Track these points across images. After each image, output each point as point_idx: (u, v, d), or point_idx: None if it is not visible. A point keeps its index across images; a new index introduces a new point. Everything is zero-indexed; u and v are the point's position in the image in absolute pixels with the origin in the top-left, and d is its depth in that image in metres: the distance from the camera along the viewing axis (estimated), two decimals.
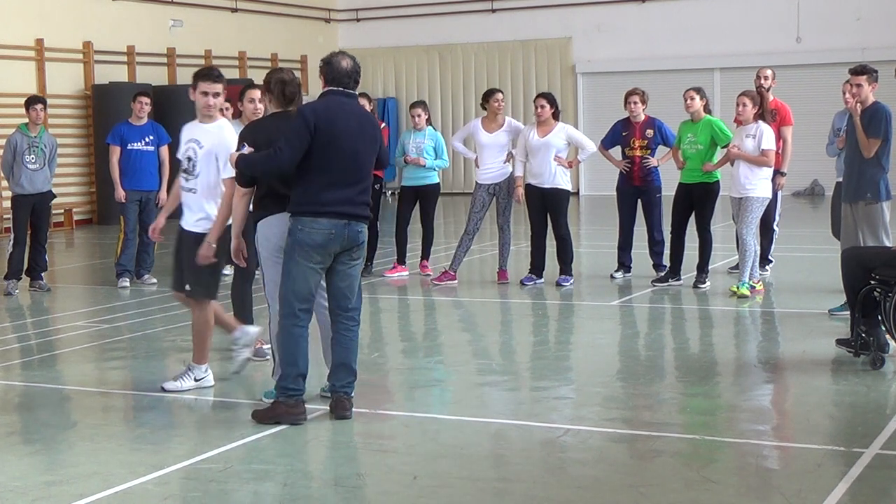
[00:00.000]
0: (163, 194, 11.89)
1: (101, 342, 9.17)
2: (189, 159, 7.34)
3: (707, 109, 11.33)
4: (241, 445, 6.21)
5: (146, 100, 12.28)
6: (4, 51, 18.95)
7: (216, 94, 7.29)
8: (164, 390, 7.36)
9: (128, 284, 12.02)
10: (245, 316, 8.63)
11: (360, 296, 6.77)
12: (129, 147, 12.09)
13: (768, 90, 11.33)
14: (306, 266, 6.52)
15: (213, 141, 7.25)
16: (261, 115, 8.59)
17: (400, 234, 12.60)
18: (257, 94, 8.55)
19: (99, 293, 11.79)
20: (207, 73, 7.37)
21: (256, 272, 9.14)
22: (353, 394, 6.75)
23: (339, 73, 6.62)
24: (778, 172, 11.23)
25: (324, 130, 6.49)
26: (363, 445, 6.33)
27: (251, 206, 6.99)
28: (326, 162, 6.51)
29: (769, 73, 11.72)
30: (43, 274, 12.03)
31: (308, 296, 6.56)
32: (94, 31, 20.57)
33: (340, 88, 6.63)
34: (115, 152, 12.06)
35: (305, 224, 6.50)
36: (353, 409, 6.70)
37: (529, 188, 11.62)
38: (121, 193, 12.00)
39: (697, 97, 11.17)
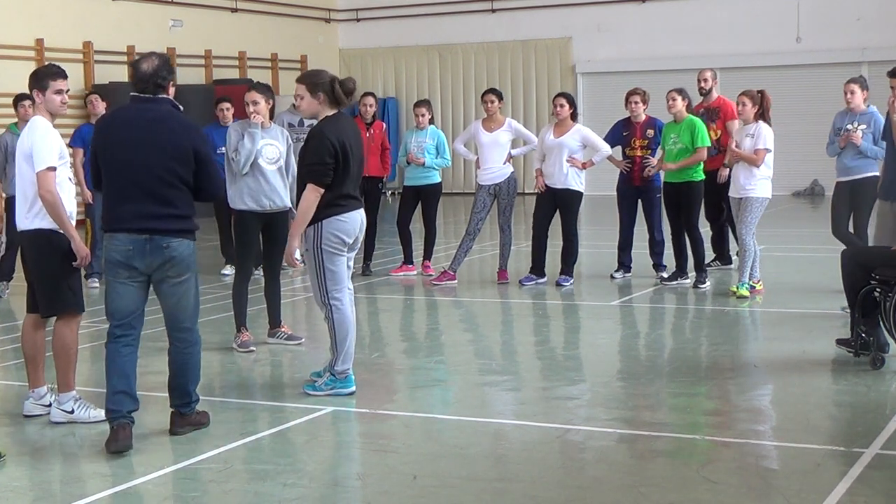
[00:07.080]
0: None
1: (101, 342, 9.13)
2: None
3: (689, 110, 11.40)
4: (241, 445, 6.21)
5: None
6: (4, 51, 18.93)
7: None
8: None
9: (97, 285, 11.89)
10: (273, 316, 9.00)
11: (194, 314, 6.44)
12: None
13: (709, 91, 11.60)
14: (116, 283, 6.27)
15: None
16: (262, 118, 8.71)
17: (403, 233, 12.61)
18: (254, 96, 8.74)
19: (97, 293, 11.75)
20: (61, 71, 7.11)
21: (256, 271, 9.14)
22: (188, 412, 6.44)
23: (139, 76, 6.30)
24: (722, 164, 11.30)
25: (101, 143, 6.31)
26: (363, 445, 6.33)
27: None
28: (110, 175, 6.25)
29: (708, 74, 12.07)
30: None
31: (125, 313, 6.27)
32: (94, 31, 20.56)
33: (137, 94, 6.31)
34: (78, 154, 11.87)
35: (107, 240, 6.26)
36: (190, 428, 6.43)
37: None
38: (87, 194, 11.91)
39: (679, 98, 11.21)
